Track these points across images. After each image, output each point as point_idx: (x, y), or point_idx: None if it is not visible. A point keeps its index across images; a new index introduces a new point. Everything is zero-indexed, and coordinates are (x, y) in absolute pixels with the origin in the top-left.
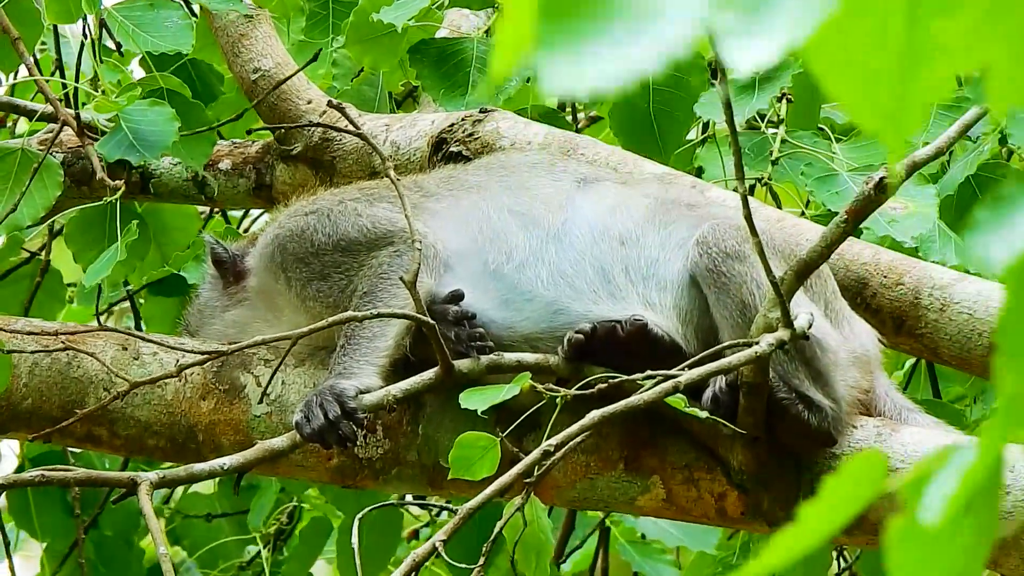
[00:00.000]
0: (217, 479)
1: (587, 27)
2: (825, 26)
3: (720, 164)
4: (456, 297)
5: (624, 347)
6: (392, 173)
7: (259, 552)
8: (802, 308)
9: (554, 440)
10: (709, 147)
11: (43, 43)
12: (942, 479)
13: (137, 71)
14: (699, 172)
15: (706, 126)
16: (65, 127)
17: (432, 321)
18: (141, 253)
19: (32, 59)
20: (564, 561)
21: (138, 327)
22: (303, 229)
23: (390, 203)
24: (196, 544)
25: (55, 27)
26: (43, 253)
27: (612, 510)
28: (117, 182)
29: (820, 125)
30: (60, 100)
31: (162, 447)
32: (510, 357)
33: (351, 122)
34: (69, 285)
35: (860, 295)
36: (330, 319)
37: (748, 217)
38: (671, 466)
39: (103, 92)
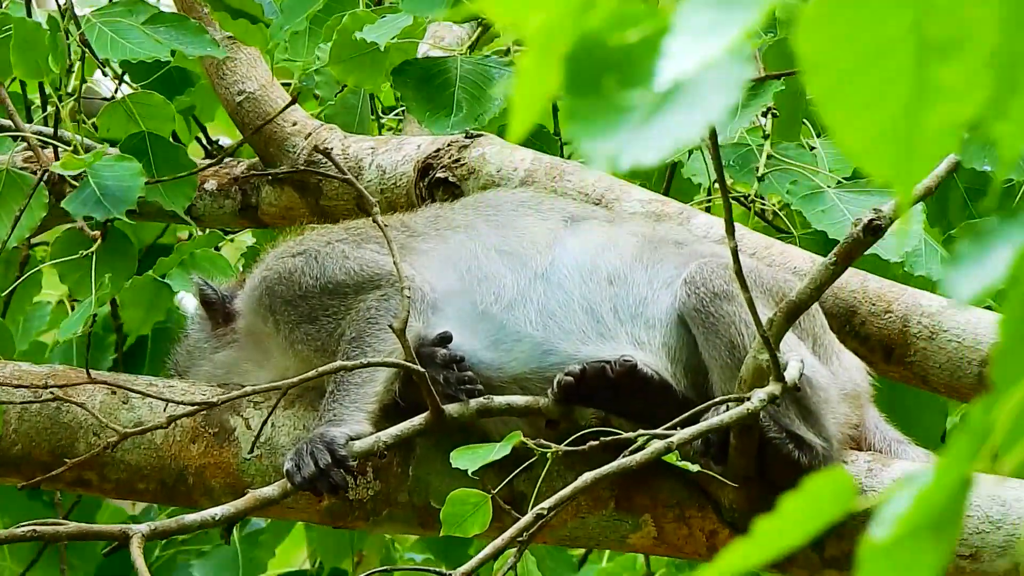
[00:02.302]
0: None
1: (616, 101)
2: (836, 77)
3: (706, 173)
4: (444, 340)
5: (614, 387)
6: (379, 218)
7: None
8: (791, 350)
9: (547, 504)
10: (694, 156)
11: None
12: (898, 499)
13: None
14: (673, 168)
15: None
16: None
17: (421, 369)
18: (129, 271)
19: (12, 98)
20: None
21: (114, 313)
22: (290, 271)
23: (378, 244)
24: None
25: None
26: (23, 245)
27: (603, 548)
28: (95, 232)
29: (803, 120)
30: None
31: (152, 490)
32: (500, 400)
33: (336, 165)
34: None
35: (849, 323)
36: (319, 369)
37: (738, 272)
38: (662, 504)
39: (74, 148)
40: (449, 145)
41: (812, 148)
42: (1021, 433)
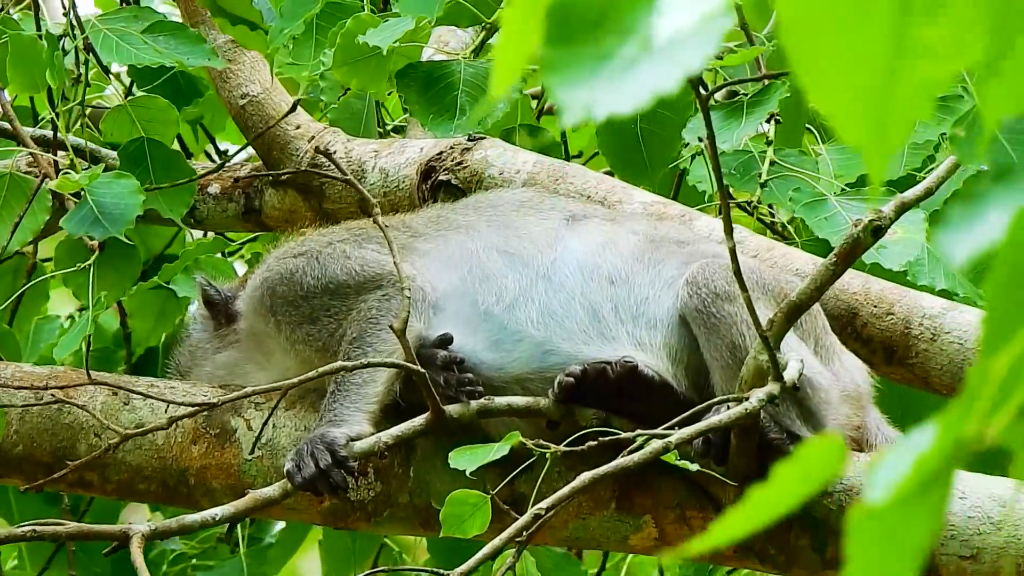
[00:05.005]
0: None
1: (595, 51)
2: (813, 32)
3: (708, 180)
4: (445, 341)
5: (615, 388)
6: (380, 218)
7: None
8: (792, 350)
9: (544, 503)
10: (697, 163)
11: None
12: (894, 461)
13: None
14: (682, 175)
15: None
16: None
17: (422, 369)
18: (132, 275)
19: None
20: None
21: (122, 322)
22: (292, 272)
23: (379, 244)
24: (175, 513)
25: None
26: (28, 250)
27: (604, 549)
28: (93, 242)
29: (807, 126)
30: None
31: (153, 491)
32: (500, 401)
33: (337, 166)
34: (46, 261)
35: (850, 325)
36: (320, 369)
37: (737, 272)
38: (663, 505)
39: (71, 164)
40: (452, 148)
41: (818, 154)
42: (1011, 394)
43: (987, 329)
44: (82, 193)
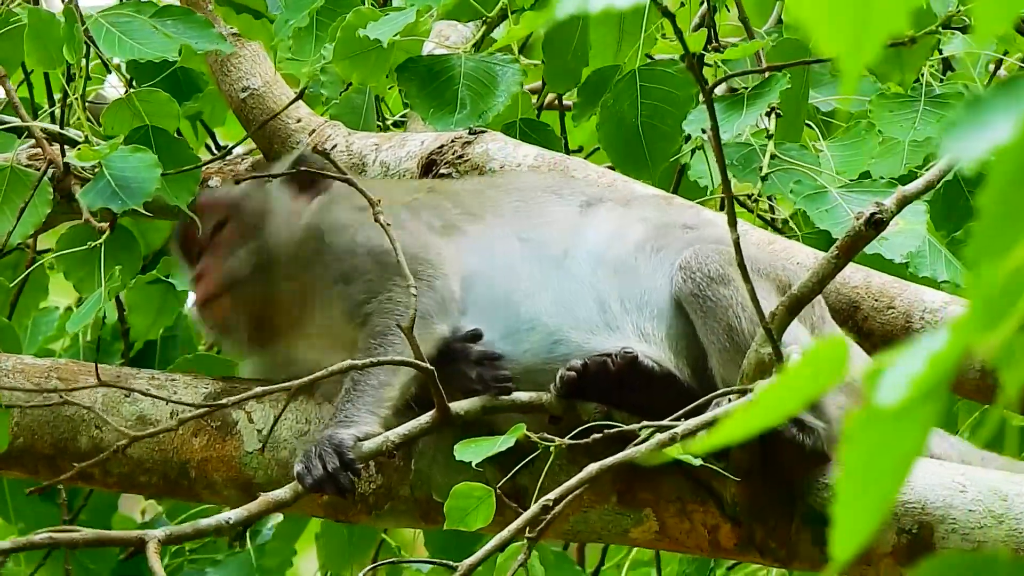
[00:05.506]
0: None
1: None
2: None
3: (709, 175)
4: (476, 336)
5: (616, 380)
6: (382, 218)
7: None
8: (795, 341)
9: (552, 495)
10: (698, 158)
11: None
12: (903, 364)
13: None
14: (682, 170)
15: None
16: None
17: (430, 367)
18: (133, 269)
19: (15, 94)
20: None
21: (121, 317)
22: (345, 225)
23: (431, 217)
24: (176, 508)
25: None
26: (29, 243)
27: (605, 542)
28: (102, 224)
29: (808, 122)
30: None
31: (154, 484)
32: (504, 397)
33: (335, 165)
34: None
35: (851, 318)
36: (330, 368)
37: (741, 264)
38: (664, 499)
39: (86, 139)
40: (452, 141)
41: (819, 150)
42: (1013, 302)
43: (981, 238)
44: (99, 167)
